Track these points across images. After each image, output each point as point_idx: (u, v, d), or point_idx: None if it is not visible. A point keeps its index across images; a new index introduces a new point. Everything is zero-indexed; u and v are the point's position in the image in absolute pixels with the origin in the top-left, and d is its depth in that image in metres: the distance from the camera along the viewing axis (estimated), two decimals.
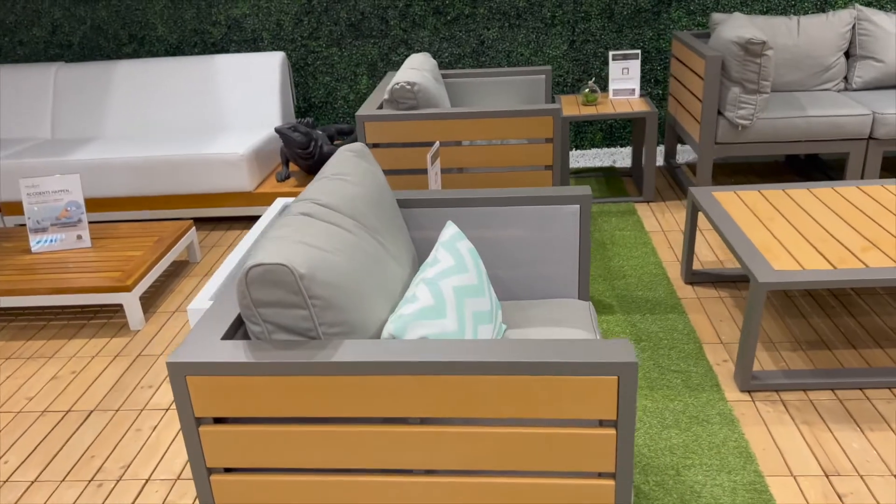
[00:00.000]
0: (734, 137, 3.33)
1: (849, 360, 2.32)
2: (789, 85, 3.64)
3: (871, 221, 2.36)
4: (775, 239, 2.28)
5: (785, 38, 3.57)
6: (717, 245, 3.16)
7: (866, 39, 3.54)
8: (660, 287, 2.84)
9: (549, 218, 1.82)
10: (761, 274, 2.06)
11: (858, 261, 2.11)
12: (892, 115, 3.20)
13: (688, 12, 4.04)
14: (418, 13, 4.14)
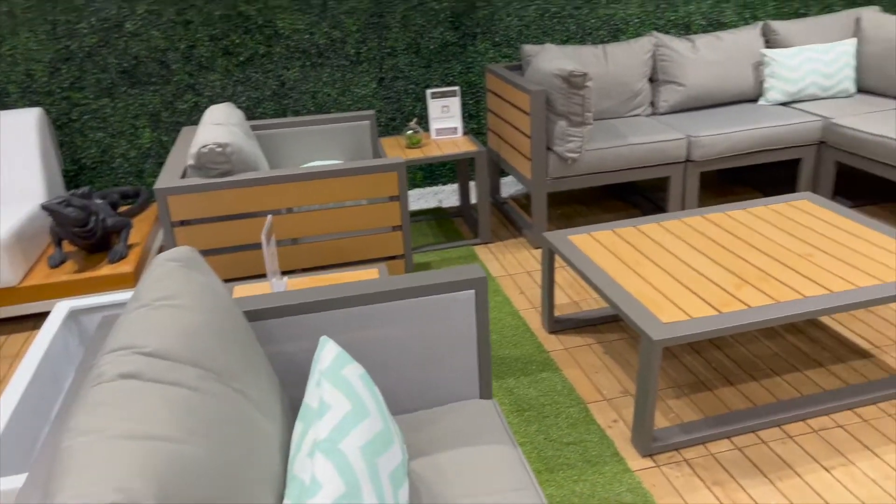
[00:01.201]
0: (565, 171, 3.25)
1: (731, 399, 2.25)
2: (603, 113, 3.67)
3: (730, 253, 2.33)
4: (650, 285, 2.15)
5: (595, 67, 3.59)
6: (567, 285, 3.04)
7: (667, 64, 3.67)
8: (525, 342, 2.62)
9: (438, 309, 1.48)
10: (654, 331, 1.90)
11: (736, 300, 2.04)
12: (705, 137, 3.31)
13: (494, 44, 3.95)
14: (205, 55, 3.62)
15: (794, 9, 4.26)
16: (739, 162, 3.42)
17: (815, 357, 2.43)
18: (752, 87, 3.74)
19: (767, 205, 2.70)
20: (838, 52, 3.66)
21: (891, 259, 2.20)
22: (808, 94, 3.69)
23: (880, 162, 3.17)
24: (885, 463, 1.94)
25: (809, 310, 1.97)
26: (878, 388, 2.20)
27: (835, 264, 2.20)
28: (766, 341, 2.54)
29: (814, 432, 2.08)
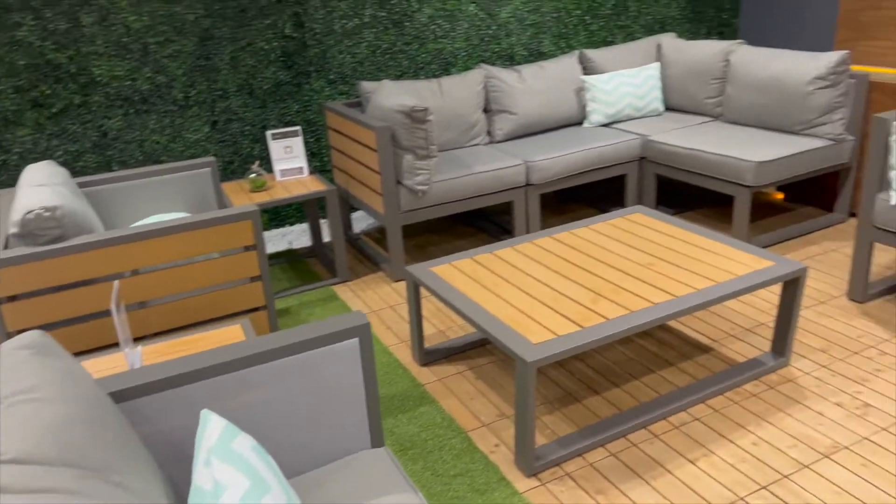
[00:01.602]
0: (416, 203, 3.29)
1: (599, 407, 2.37)
2: (445, 144, 3.77)
3: (581, 269, 2.47)
4: (515, 308, 2.23)
5: (433, 101, 3.69)
6: (432, 315, 3.06)
7: (498, 95, 3.84)
8: (399, 379, 2.61)
9: (323, 362, 1.43)
10: (527, 353, 1.97)
11: (595, 314, 2.16)
12: (541, 161, 3.50)
13: (329, 82, 3.93)
14: (10, 108, 3.29)
15: (602, 38, 4.65)
16: (574, 182, 3.65)
17: (666, 357, 2.63)
18: (577, 111, 4.02)
19: (606, 220, 2.90)
20: (646, 76, 4.04)
21: (719, 260, 2.44)
22: (625, 115, 4.03)
23: (692, 172, 3.52)
24: (738, 447, 2.13)
25: (660, 316, 2.13)
26: (722, 379, 2.42)
27: (674, 270, 2.40)
28: (621, 348, 2.71)
29: (675, 428, 2.24)
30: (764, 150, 3.30)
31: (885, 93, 3.39)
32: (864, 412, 2.23)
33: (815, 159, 3.38)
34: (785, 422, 2.22)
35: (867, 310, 2.82)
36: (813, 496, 1.92)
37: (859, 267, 2.83)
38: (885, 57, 3.59)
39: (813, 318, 2.80)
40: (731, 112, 3.79)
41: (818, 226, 3.63)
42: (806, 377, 2.44)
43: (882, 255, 3.27)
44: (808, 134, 3.47)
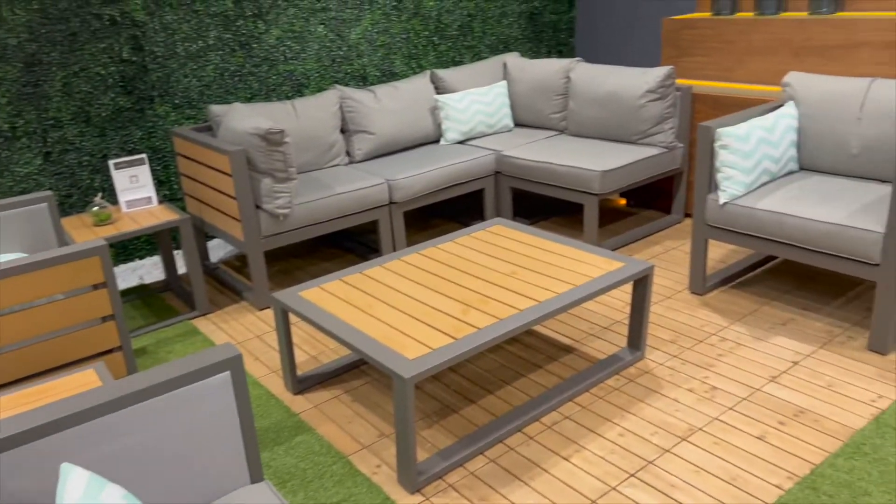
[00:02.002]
0: (277, 228, 3.22)
1: (476, 416, 2.42)
2: (304, 166, 3.71)
3: (450, 283, 2.52)
4: (388, 326, 2.23)
5: (288, 123, 3.63)
6: (302, 342, 2.99)
7: (354, 115, 3.85)
8: (272, 410, 2.52)
9: (193, 400, 1.36)
10: (404, 370, 1.97)
11: (467, 325, 2.21)
12: (402, 179, 3.54)
13: (174, 107, 3.76)
14: None
15: (451, 58, 4.79)
16: (435, 198, 3.73)
17: (534, 361, 2.73)
18: (433, 129, 4.11)
19: (470, 234, 2.98)
20: (495, 94, 4.21)
21: (575, 265, 2.58)
22: (478, 132, 4.17)
23: (544, 183, 3.71)
24: (606, 440, 2.25)
25: (527, 321, 2.21)
26: (586, 377, 2.56)
27: (536, 277, 2.51)
28: (491, 356, 2.78)
29: (548, 428, 2.33)
30: (607, 159, 3.54)
31: (707, 103, 3.76)
32: (713, 395, 2.44)
33: (651, 166, 3.66)
34: (645, 411, 2.38)
35: (707, 301, 3.09)
36: (675, 477, 2.07)
37: (697, 262, 3.10)
38: (703, 71, 3.98)
39: (661, 312, 3.03)
40: (575, 125, 4.04)
41: (659, 227, 3.93)
42: (660, 367, 2.62)
43: (716, 250, 3.59)
44: (644, 143, 3.76)
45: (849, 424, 2.23)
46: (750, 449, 2.16)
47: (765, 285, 3.18)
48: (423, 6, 4.54)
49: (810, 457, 2.10)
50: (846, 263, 2.58)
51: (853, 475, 2.01)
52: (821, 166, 3.03)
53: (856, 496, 1.94)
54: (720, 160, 2.85)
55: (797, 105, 3.05)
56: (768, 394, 2.42)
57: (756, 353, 2.66)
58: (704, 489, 2.01)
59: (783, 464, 2.08)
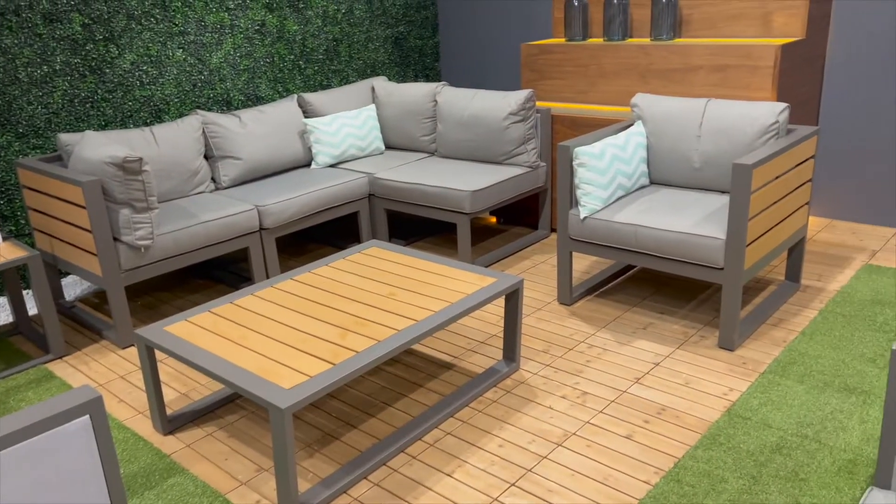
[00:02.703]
0: (139, 260, 3.05)
1: (359, 441, 2.40)
2: (166, 195, 3.56)
3: (327, 308, 2.49)
4: (262, 356, 2.17)
5: (147, 150, 3.47)
6: (172, 379, 2.85)
7: (219, 140, 3.74)
8: (140, 453, 2.38)
9: (48, 449, 1.26)
10: (280, 400, 1.93)
11: (345, 349, 2.19)
12: (272, 205, 3.47)
13: (18, 136, 3.50)
14: None
15: (319, 81, 4.77)
16: (308, 223, 3.68)
17: (414, 380, 2.75)
18: (303, 153, 4.07)
19: (345, 257, 2.97)
20: (365, 117, 4.23)
21: (450, 282, 2.64)
22: (350, 155, 4.17)
23: (417, 204, 3.76)
24: (487, 452, 2.31)
25: (405, 341, 2.23)
26: (466, 392, 2.61)
27: (413, 297, 2.54)
28: (372, 378, 2.78)
29: (431, 446, 2.35)
30: (476, 179, 3.65)
31: (565, 124, 3.97)
32: (584, 400, 2.56)
33: (517, 185, 3.81)
34: (523, 420, 2.46)
35: (575, 310, 3.25)
36: (553, 483, 2.15)
37: (563, 275, 3.25)
38: (561, 93, 4.20)
39: (533, 323, 3.14)
40: (445, 147, 4.13)
41: (528, 242, 4.09)
42: (535, 377, 2.72)
43: (581, 261, 3.78)
44: (510, 163, 3.91)
45: (705, 418, 2.41)
46: (620, 448, 2.28)
47: (626, 293, 3.38)
48: (286, 30, 4.51)
49: (673, 451, 2.25)
50: (695, 269, 2.80)
51: (711, 465, 2.17)
52: (669, 180, 3.28)
53: (714, 484, 2.09)
54: (578, 177, 3.02)
55: (645, 124, 3.29)
56: (633, 395, 2.57)
57: (621, 356, 2.82)
58: (580, 491, 2.10)
59: (650, 460, 2.22)
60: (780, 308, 3.11)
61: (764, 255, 2.84)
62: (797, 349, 2.77)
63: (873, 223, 3.95)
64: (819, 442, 2.24)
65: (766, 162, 2.66)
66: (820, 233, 3.90)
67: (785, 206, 2.91)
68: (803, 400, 2.46)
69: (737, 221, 2.62)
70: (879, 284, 3.25)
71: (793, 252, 3.24)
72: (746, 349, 2.80)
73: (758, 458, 2.18)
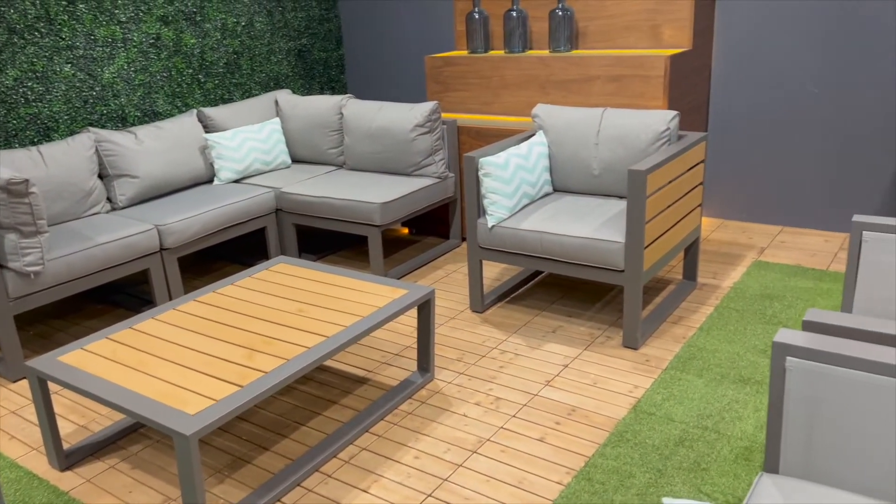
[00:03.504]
0: (29, 287, 2.88)
1: (271, 463, 2.35)
2: (57, 217, 3.37)
3: (233, 328, 2.43)
4: (165, 382, 2.09)
5: (35, 171, 3.28)
6: (70, 411, 2.70)
7: (114, 159, 3.58)
8: (35, 493, 2.23)
9: None
10: (184, 427, 1.86)
11: (253, 370, 2.14)
12: (173, 224, 3.35)
13: None
14: None
15: (220, 95, 4.66)
16: (212, 241, 3.58)
17: (328, 397, 2.71)
18: (205, 169, 3.96)
19: (252, 275, 2.90)
20: (269, 131, 4.16)
21: (361, 296, 2.62)
22: (255, 170, 4.08)
23: (327, 218, 3.73)
24: (403, 465, 2.30)
25: (315, 358, 2.20)
26: (381, 405, 2.59)
27: (323, 313, 2.51)
28: (284, 398, 2.72)
29: (346, 463, 2.33)
30: (385, 191, 3.65)
31: (471, 135, 4.03)
32: (497, 405, 2.60)
33: (427, 196, 3.84)
34: (438, 430, 2.47)
35: (487, 317, 3.29)
36: (469, 490, 2.16)
37: (475, 283, 3.29)
38: (466, 104, 4.27)
39: (447, 332, 3.17)
40: (353, 160, 4.11)
41: (440, 252, 4.12)
42: (449, 386, 2.74)
43: (493, 269, 3.84)
44: (419, 174, 3.93)
45: (613, 416, 2.49)
46: (533, 451, 2.33)
47: (535, 297, 3.46)
48: (183, 43, 4.38)
49: (584, 450, 2.32)
50: (598, 272, 2.90)
51: (620, 461, 2.25)
52: (571, 187, 3.38)
53: (623, 479, 2.17)
54: (485, 187, 3.07)
55: (546, 134, 3.39)
56: (545, 397, 2.63)
57: (532, 360, 2.88)
58: (495, 497, 2.13)
59: (562, 461, 2.27)
60: (680, 306, 3.26)
61: (662, 257, 2.97)
62: (696, 344, 2.91)
63: (761, 222, 4.21)
64: (718, 432, 2.35)
65: (659, 167, 2.79)
66: (714, 232, 4.12)
67: (679, 209, 3.06)
68: (703, 393, 2.58)
69: (634, 225, 2.73)
70: (768, 279, 3.46)
71: (689, 252, 3.40)
72: (649, 347, 2.92)
73: (662, 451, 2.28)
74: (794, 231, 4.07)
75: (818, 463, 1.42)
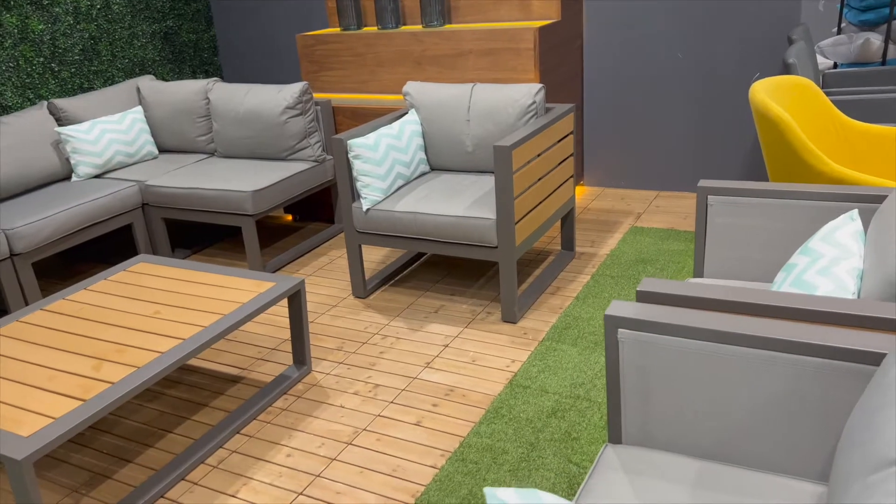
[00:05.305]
0: None
1: (134, 476, 2.21)
2: None
3: (82, 338, 2.26)
4: (2, 404, 1.93)
5: None
6: None
7: None
8: None
9: None
10: (16, 451, 1.71)
11: (99, 381, 2.00)
12: (23, 227, 3.10)
13: None
14: None
15: (78, 84, 4.34)
16: (71, 242, 3.34)
17: (198, 400, 2.59)
18: (60, 166, 3.68)
19: (107, 277, 2.72)
20: (131, 120, 3.91)
21: (225, 292, 2.50)
22: (118, 163, 3.84)
23: (197, 210, 3.55)
24: (275, 465, 2.22)
25: (168, 364, 2.08)
26: (253, 404, 2.49)
27: (181, 313, 2.38)
28: (151, 405, 2.58)
29: (214, 468, 2.23)
30: (257, 178, 3.50)
31: (347, 115, 3.92)
32: (376, 393, 2.55)
33: (304, 181, 3.72)
34: (313, 425, 2.40)
35: (370, 303, 3.23)
36: (342, 484, 2.11)
37: (355, 268, 3.22)
38: (342, 84, 4.15)
39: (328, 321, 3.09)
40: (224, 147, 3.93)
41: (325, 238, 4.01)
42: (327, 377, 2.67)
43: (377, 252, 3.77)
44: (294, 158, 3.80)
45: (490, 392, 2.49)
46: (409, 437, 2.29)
47: (419, 278, 3.42)
48: (30, 30, 4.04)
49: (459, 430, 2.30)
50: (473, 249, 2.88)
51: (493, 438, 2.25)
52: (446, 165, 3.34)
53: (496, 456, 2.17)
54: (356, 170, 2.99)
55: (418, 111, 3.32)
56: (424, 380, 2.60)
57: (413, 343, 2.85)
58: (368, 488, 2.08)
59: (437, 444, 2.25)
60: (558, 276, 3.29)
61: (534, 230, 2.98)
62: (571, 314, 2.95)
63: (638, 188, 4.32)
64: (589, 400, 2.39)
65: (524, 142, 2.79)
66: (594, 201, 4.20)
67: (550, 182, 3.08)
68: (576, 362, 2.62)
69: (503, 201, 2.72)
70: (643, 244, 3.55)
71: (565, 223, 3.44)
72: (528, 320, 2.94)
73: (535, 424, 2.29)
74: (668, 195, 4.19)
75: (656, 431, 1.44)
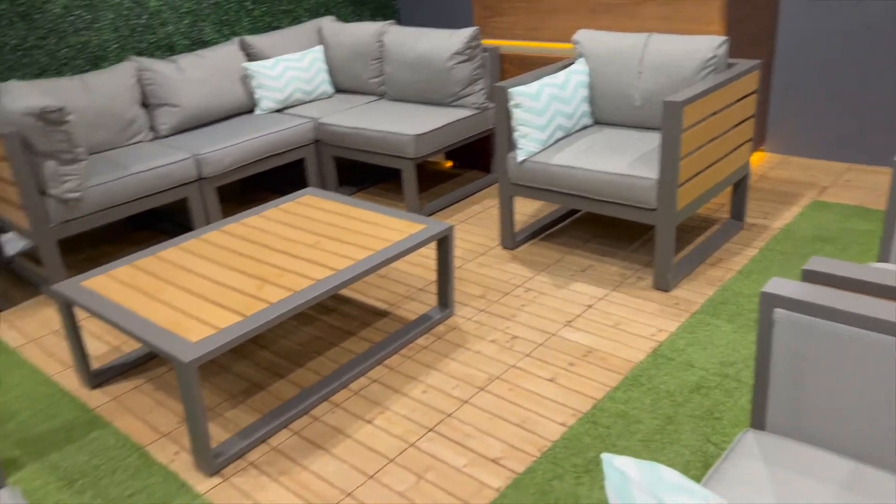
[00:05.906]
0: (70, 213, 3.00)
1: (284, 391, 2.40)
2: (100, 146, 3.47)
3: (249, 259, 2.45)
4: (175, 310, 2.15)
5: (77, 100, 3.36)
6: (105, 332, 2.83)
7: (155, 88, 3.63)
8: (63, 408, 2.37)
9: None
10: (183, 353, 1.91)
11: (260, 300, 2.17)
12: (210, 153, 3.39)
13: None
14: None
15: (267, 23, 4.62)
16: (250, 171, 3.61)
17: (347, 328, 2.74)
18: (245, 99, 3.96)
19: (277, 206, 2.92)
20: (311, 59, 4.11)
21: (379, 230, 2.59)
22: (296, 100, 4.06)
23: (361, 150, 3.69)
24: (410, 398, 2.31)
25: (321, 292, 2.20)
26: (397, 338, 2.59)
27: (337, 246, 2.50)
28: (305, 328, 2.76)
29: (355, 394, 2.35)
30: (421, 123, 3.56)
31: (514, 63, 3.86)
32: (512, 344, 2.55)
33: (465, 128, 3.73)
34: (450, 366, 2.46)
35: (516, 255, 3.22)
36: (471, 426, 2.15)
37: (505, 219, 3.21)
38: (512, 31, 4.07)
39: (474, 269, 3.12)
40: (393, 90, 4.03)
41: (480, 186, 4.03)
42: (468, 322, 2.71)
43: (530, 205, 3.73)
44: (457, 105, 3.82)
45: (630, 359, 2.41)
46: (541, 391, 2.28)
47: (569, 235, 3.35)
48: None
49: (594, 392, 2.26)
50: (630, 210, 2.76)
51: (629, 405, 2.18)
52: (611, 119, 3.20)
53: (629, 424, 2.10)
54: (515, 119, 2.94)
55: (587, 61, 3.20)
56: (562, 337, 2.56)
57: (556, 300, 2.81)
58: (496, 434, 2.11)
59: (569, 402, 2.22)
60: (722, 247, 3.08)
61: (700, 195, 2.80)
62: (731, 288, 2.75)
63: (827, 158, 3.90)
64: (739, 381, 2.24)
65: (698, 99, 2.59)
66: (773, 170, 3.85)
67: (723, 144, 2.86)
68: (730, 339, 2.45)
69: (668, 161, 2.57)
70: (824, 220, 3.22)
71: (736, 190, 3.19)
72: (682, 289, 2.79)
73: (676, 398, 2.19)
74: (862, 169, 3.75)
75: (806, 422, 1.32)
